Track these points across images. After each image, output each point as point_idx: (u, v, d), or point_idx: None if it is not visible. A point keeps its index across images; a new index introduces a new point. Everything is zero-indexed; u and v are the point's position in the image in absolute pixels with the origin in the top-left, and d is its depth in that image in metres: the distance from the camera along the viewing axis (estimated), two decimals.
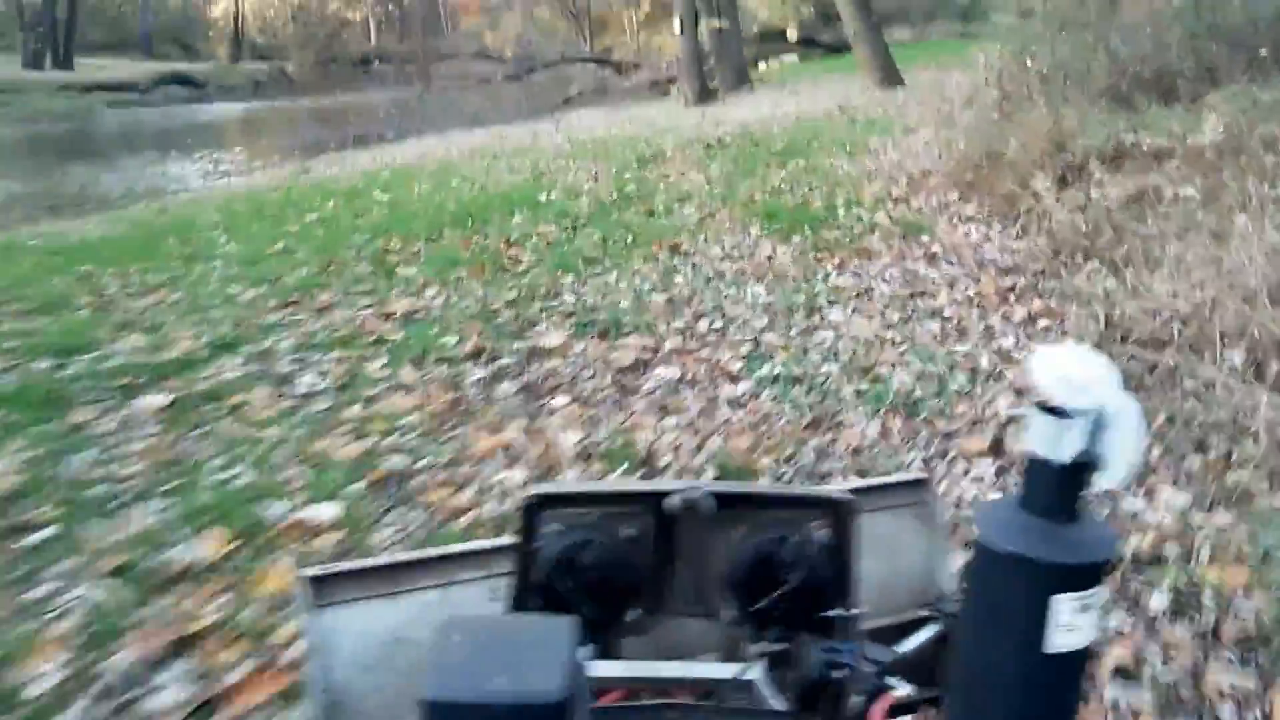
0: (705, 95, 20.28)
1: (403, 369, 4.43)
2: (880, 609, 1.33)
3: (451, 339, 4.74)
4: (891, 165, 9.63)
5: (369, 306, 5.33)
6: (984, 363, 4.46)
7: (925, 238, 6.70)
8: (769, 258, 6.41)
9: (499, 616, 1.14)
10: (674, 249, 6.62)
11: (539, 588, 1.12)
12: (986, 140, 8.32)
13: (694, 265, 6.25)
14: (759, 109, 17.50)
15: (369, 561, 1.27)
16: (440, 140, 18.14)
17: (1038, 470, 0.78)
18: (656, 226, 7.33)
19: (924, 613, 1.33)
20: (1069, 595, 0.76)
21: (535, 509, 1.13)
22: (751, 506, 1.18)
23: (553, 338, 4.87)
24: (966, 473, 3.48)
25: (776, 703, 1.08)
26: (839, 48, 28.87)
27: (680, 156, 11.33)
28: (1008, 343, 4.70)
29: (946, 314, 5.17)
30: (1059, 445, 0.75)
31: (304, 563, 2.57)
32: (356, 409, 4.02)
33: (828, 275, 6.01)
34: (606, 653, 1.16)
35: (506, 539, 1.25)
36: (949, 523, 1.94)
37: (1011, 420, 3.76)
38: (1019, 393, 4.12)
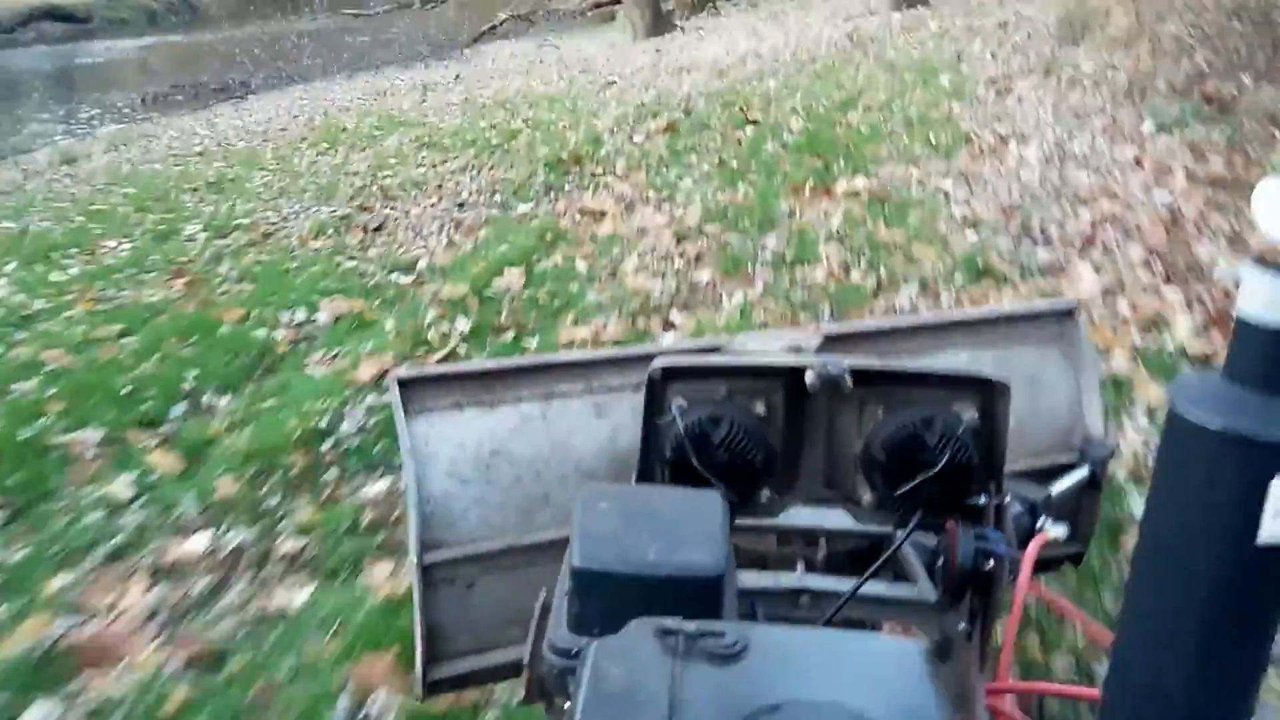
0: (659, 24, 14.66)
1: None
2: (1020, 451, 1.22)
3: None
4: (1055, 185, 4.43)
5: None
6: None
7: None
8: None
9: (644, 487, 1.04)
10: None
11: (666, 464, 1.02)
12: None
13: None
14: (734, 42, 12.06)
15: (463, 366, 1.19)
16: (300, 97, 12.51)
17: (1252, 335, 0.62)
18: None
19: (1068, 458, 1.25)
20: None
21: (662, 382, 1.03)
22: (893, 384, 1.03)
23: None
24: None
25: (922, 575, 0.99)
26: None
27: (625, 150, 6.04)
28: None
29: None
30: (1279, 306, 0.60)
31: None
32: None
33: None
34: None
35: (607, 351, 1.19)
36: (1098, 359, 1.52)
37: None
38: None
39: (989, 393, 1.00)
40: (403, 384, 1.13)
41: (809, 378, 1.00)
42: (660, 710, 0.57)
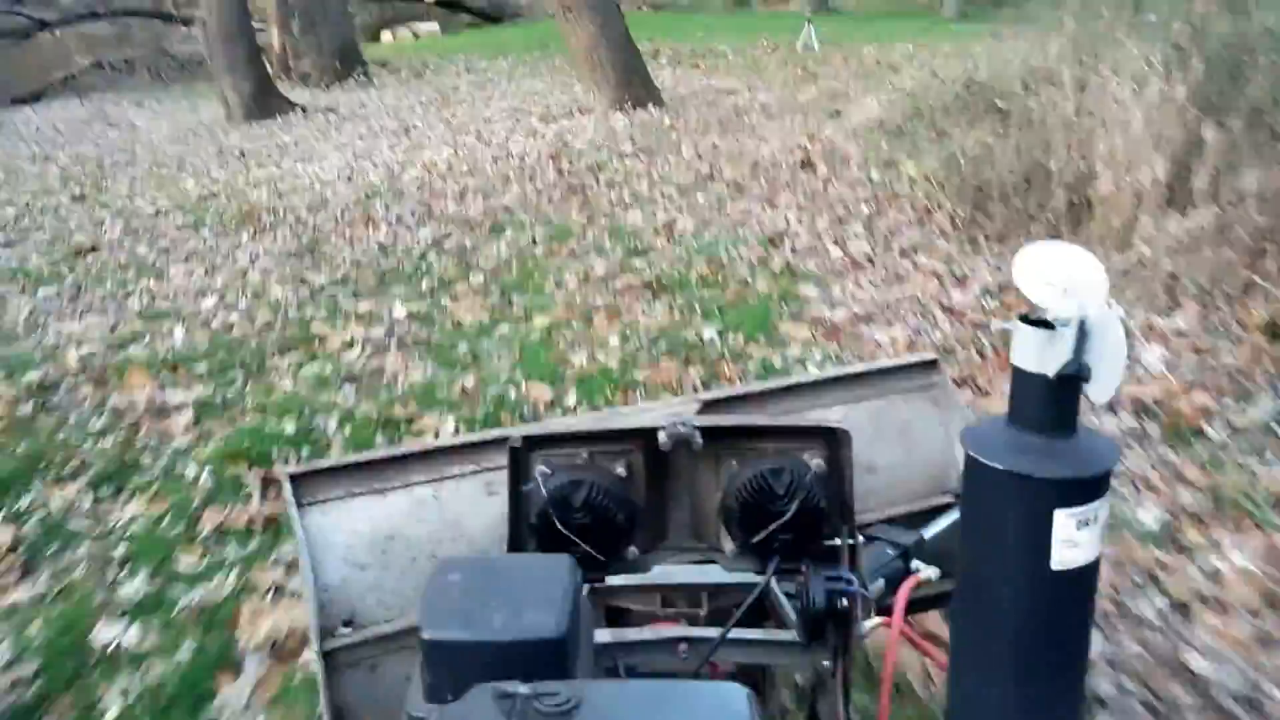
0: (267, 101, 9.43)
1: None
2: (897, 496, 1.26)
3: None
4: None
5: None
6: None
7: None
8: None
9: (496, 556, 1.06)
10: None
11: (533, 530, 1.02)
12: None
13: None
14: (371, 146, 7.30)
15: (354, 457, 1.16)
16: None
17: (1026, 383, 0.69)
18: None
19: (943, 499, 1.25)
20: (1069, 510, 0.66)
21: (524, 450, 1.03)
22: (743, 438, 1.05)
23: None
24: None
25: (793, 618, 0.98)
26: (495, 16, 18.58)
27: None
28: None
29: None
30: (1046, 357, 0.67)
31: None
32: None
33: None
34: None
35: (498, 432, 1.15)
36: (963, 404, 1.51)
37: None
38: None
39: (832, 441, 1.02)
40: (294, 479, 1.10)
41: (661, 438, 1.01)
42: None
